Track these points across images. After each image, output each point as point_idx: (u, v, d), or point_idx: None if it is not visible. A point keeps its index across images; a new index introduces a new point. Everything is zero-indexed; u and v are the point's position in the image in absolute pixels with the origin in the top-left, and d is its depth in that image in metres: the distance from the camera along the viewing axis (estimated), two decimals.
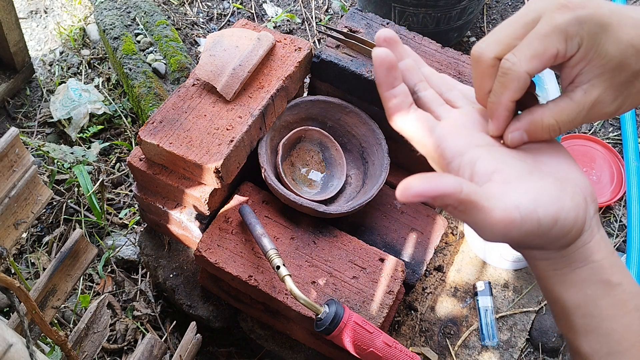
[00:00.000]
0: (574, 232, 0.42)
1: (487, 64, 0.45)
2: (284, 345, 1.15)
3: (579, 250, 0.43)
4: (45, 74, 1.79)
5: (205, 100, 1.06)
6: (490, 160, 0.45)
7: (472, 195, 0.39)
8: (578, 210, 0.42)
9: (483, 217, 0.40)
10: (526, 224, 0.40)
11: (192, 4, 2.00)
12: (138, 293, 1.38)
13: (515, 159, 0.45)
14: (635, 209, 1.51)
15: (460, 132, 0.47)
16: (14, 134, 0.80)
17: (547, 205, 0.41)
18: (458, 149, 0.45)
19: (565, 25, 0.41)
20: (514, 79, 0.43)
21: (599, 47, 0.41)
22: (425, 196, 0.38)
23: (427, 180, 0.38)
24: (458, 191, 0.39)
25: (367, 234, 1.15)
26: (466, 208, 0.40)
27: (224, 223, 1.07)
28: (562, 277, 0.45)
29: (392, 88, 0.47)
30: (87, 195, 1.41)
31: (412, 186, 0.38)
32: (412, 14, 1.64)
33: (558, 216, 0.41)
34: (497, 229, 0.40)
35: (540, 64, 0.42)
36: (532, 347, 1.30)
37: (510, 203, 0.40)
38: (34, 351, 0.72)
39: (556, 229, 0.41)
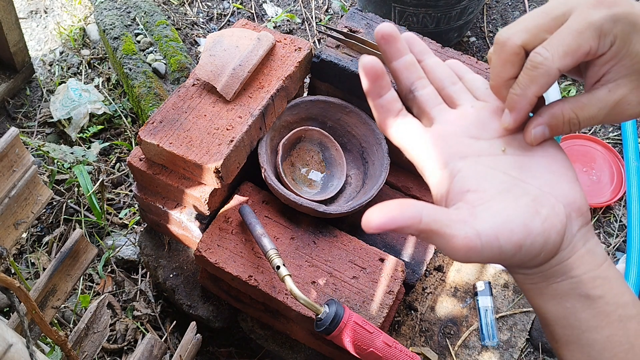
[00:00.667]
0: (545, 255, 0.42)
1: (512, 51, 0.43)
2: (284, 345, 1.15)
3: (555, 267, 0.43)
4: (45, 74, 1.79)
5: (205, 100, 1.06)
6: (469, 175, 0.44)
7: (431, 224, 0.40)
8: (549, 233, 0.41)
9: (445, 242, 0.40)
10: (486, 251, 0.40)
11: (192, 4, 2.00)
12: (138, 293, 1.38)
13: (498, 172, 0.44)
14: (635, 209, 1.51)
15: (448, 141, 0.46)
16: (14, 134, 0.80)
17: (510, 233, 0.40)
18: (440, 162, 0.45)
19: (600, 22, 0.40)
20: (544, 74, 0.42)
21: (630, 46, 0.41)
22: (385, 229, 0.39)
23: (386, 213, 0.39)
24: (417, 222, 0.39)
25: (367, 234, 1.15)
26: (427, 235, 0.40)
27: (224, 223, 1.07)
28: (539, 290, 0.44)
29: (380, 97, 0.46)
30: (87, 195, 1.41)
31: (371, 219, 0.39)
32: (412, 14, 1.64)
33: (522, 243, 0.41)
34: (458, 254, 0.41)
35: (573, 61, 0.41)
36: (532, 347, 1.30)
37: (472, 229, 0.40)
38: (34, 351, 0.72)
39: (521, 254, 0.41)
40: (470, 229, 0.40)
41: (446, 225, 0.40)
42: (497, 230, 0.40)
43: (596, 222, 1.57)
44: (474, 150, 0.46)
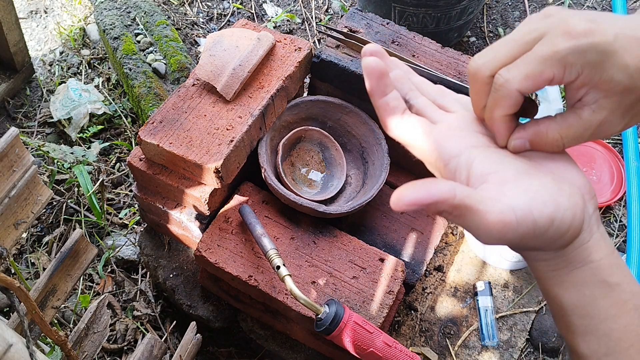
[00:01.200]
0: (572, 232, 0.42)
1: (483, 81, 0.44)
2: (284, 345, 1.15)
3: (577, 250, 0.43)
4: (45, 74, 1.79)
5: (205, 100, 1.06)
6: (486, 161, 0.44)
7: (466, 200, 0.39)
8: (575, 210, 0.42)
9: (479, 220, 0.40)
10: (522, 226, 0.40)
11: (192, 4, 2.00)
12: (138, 293, 1.38)
13: (511, 159, 0.45)
14: (635, 209, 1.51)
15: (457, 134, 0.47)
16: (14, 134, 0.80)
17: (543, 205, 0.41)
18: (454, 151, 0.45)
19: (565, 53, 0.40)
20: (505, 95, 0.43)
21: (603, 74, 0.41)
22: (419, 204, 0.38)
23: (419, 188, 0.38)
24: (452, 197, 0.39)
25: (367, 234, 1.15)
26: (461, 213, 0.40)
27: (224, 223, 1.07)
28: (560, 277, 0.44)
29: (384, 95, 0.47)
30: (87, 195, 1.41)
31: (404, 195, 0.38)
32: (412, 14, 1.64)
33: (554, 216, 0.41)
34: (493, 232, 0.40)
35: (534, 85, 0.42)
36: (532, 347, 1.30)
37: (506, 205, 0.40)
38: (34, 351, 0.72)
39: (553, 230, 0.41)
40: (503, 205, 0.40)
41: (480, 201, 0.40)
42: (530, 204, 0.41)
43: None
44: (483, 141, 0.46)
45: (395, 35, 1.17)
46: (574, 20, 0.41)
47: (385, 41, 1.16)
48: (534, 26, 0.43)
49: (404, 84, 0.50)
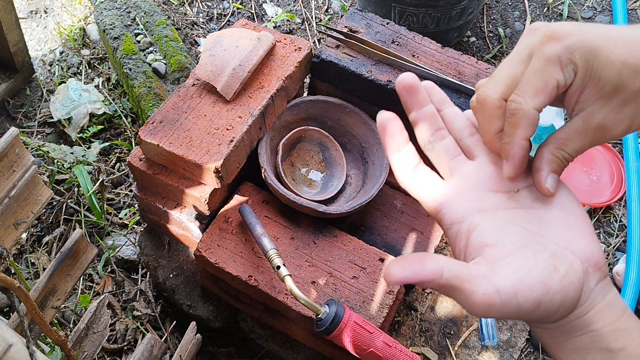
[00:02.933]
0: (562, 311, 0.42)
1: (493, 106, 0.45)
2: (284, 345, 1.15)
3: (573, 322, 0.43)
4: (45, 74, 1.79)
5: (205, 100, 1.06)
6: (487, 230, 0.45)
7: (452, 280, 0.41)
8: (567, 291, 0.42)
9: (464, 298, 0.41)
10: (506, 307, 0.41)
11: (192, 4, 2.00)
12: (138, 293, 1.38)
13: (516, 227, 0.45)
14: (635, 209, 1.51)
15: (463, 195, 0.47)
16: (14, 134, 0.80)
17: (529, 290, 0.41)
18: (457, 216, 0.46)
19: (556, 55, 0.41)
20: (523, 117, 0.43)
21: (592, 72, 0.41)
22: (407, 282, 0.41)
23: (407, 269, 0.41)
24: (438, 277, 0.41)
25: (367, 234, 1.15)
26: (447, 291, 0.41)
27: (224, 223, 1.07)
28: (559, 344, 0.45)
29: (397, 151, 0.48)
30: (87, 195, 1.41)
31: (394, 273, 0.41)
32: (412, 14, 1.64)
33: (541, 300, 0.41)
34: (478, 310, 0.41)
35: (546, 98, 0.43)
36: (532, 347, 1.30)
37: (492, 285, 0.41)
38: (34, 351, 0.72)
39: (540, 311, 0.41)
40: (490, 285, 0.41)
41: (467, 281, 0.41)
42: (516, 287, 0.41)
43: (596, 222, 1.57)
44: (492, 203, 0.46)
45: (395, 35, 1.17)
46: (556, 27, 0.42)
47: (385, 41, 1.16)
48: (523, 44, 0.44)
49: (432, 124, 0.49)
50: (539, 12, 1.99)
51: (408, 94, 0.48)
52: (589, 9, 2.01)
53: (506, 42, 1.91)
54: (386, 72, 1.11)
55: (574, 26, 0.42)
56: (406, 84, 0.47)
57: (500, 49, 1.89)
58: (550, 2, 2.00)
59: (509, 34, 1.94)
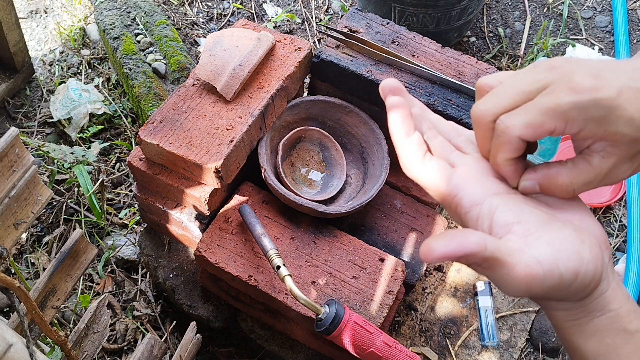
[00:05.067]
0: (593, 284, 0.42)
1: (486, 126, 0.45)
2: (284, 345, 1.15)
3: (596, 300, 0.43)
4: (45, 74, 1.79)
5: (205, 100, 1.06)
6: (508, 210, 0.44)
7: (496, 253, 0.39)
8: (596, 262, 0.42)
9: (506, 273, 0.40)
10: (548, 280, 0.40)
11: (192, 4, 2.00)
12: (138, 293, 1.38)
13: (531, 207, 0.45)
14: (635, 209, 1.51)
15: (476, 179, 0.47)
16: (14, 134, 0.80)
17: (567, 259, 0.41)
18: (475, 198, 0.45)
19: (567, 107, 0.40)
20: (506, 141, 0.43)
21: (607, 127, 0.41)
22: (450, 257, 0.38)
23: (450, 241, 0.38)
24: (483, 249, 0.39)
25: (367, 234, 1.15)
26: (490, 265, 0.40)
27: (224, 223, 1.07)
28: (580, 327, 0.45)
29: (407, 136, 0.46)
30: (87, 195, 1.41)
31: (435, 247, 0.38)
32: (412, 14, 1.64)
33: (579, 270, 0.41)
34: (520, 285, 0.40)
35: (534, 134, 0.42)
36: (532, 347, 1.30)
37: (532, 258, 0.40)
38: (34, 351, 0.72)
39: (577, 282, 0.41)
40: (529, 258, 0.40)
41: (507, 254, 0.40)
42: (556, 257, 0.41)
43: None
44: (502, 188, 0.47)
45: (395, 35, 1.17)
46: (578, 76, 0.41)
47: (385, 41, 1.16)
48: (538, 77, 0.43)
49: (422, 123, 0.50)
50: (539, 12, 1.99)
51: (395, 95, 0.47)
52: (589, 9, 2.01)
53: (506, 42, 1.91)
54: (386, 72, 1.11)
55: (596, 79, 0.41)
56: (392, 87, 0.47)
57: (500, 49, 1.89)
58: (550, 2, 2.00)
59: (509, 34, 1.94)
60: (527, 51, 1.89)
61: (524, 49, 1.89)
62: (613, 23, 1.94)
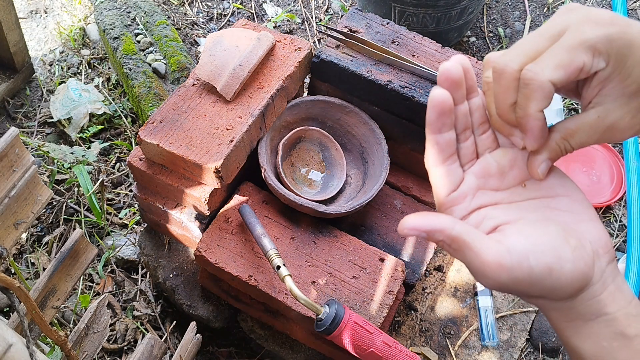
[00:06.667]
0: (576, 285, 0.42)
1: (511, 77, 0.43)
2: (284, 345, 1.15)
3: (588, 302, 0.43)
4: (45, 74, 1.79)
5: (205, 100, 1.06)
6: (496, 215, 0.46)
7: (464, 234, 0.41)
8: (578, 263, 0.42)
9: (475, 257, 0.41)
10: (516, 270, 0.41)
11: (192, 4, 2.00)
12: (138, 293, 1.38)
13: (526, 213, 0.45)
14: (635, 209, 1.51)
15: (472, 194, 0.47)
16: (14, 134, 0.80)
17: (541, 253, 0.41)
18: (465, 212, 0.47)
19: (594, 40, 0.40)
20: (537, 88, 0.41)
21: (623, 67, 0.40)
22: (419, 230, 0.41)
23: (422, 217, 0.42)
24: (449, 228, 0.41)
25: (367, 234, 1.15)
26: (459, 246, 0.41)
27: (224, 223, 1.07)
28: (576, 328, 0.45)
29: (439, 133, 0.46)
30: (87, 195, 1.41)
31: (407, 221, 0.42)
32: (412, 14, 1.64)
33: (552, 266, 0.41)
34: (487, 271, 0.41)
35: (565, 75, 0.41)
36: (532, 347, 1.30)
37: (504, 246, 0.41)
38: (34, 351, 0.72)
39: (551, 279, 0.41)
40: (501, 246, 0.41)
41: (478, 240, 0.41)
42: (528, 249, 0.41)
43: None
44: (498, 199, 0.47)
45: (395, 35, 1.17)
46: (598, 12, 0.41)
47: (385, 41, 1.16)
48: (558, 20, 0.42)
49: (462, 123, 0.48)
50: (539, 12, 1.99)
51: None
52: None
53: (506, 42, 1.91)
54: (386, 72, 1.11)
55: (616, 16, 0.41)
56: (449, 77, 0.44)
57: (500, 49, 1.89)
58: (550, 2, 2.00)
59: (509, 34, 1.94)
60: None
61: None
62: None
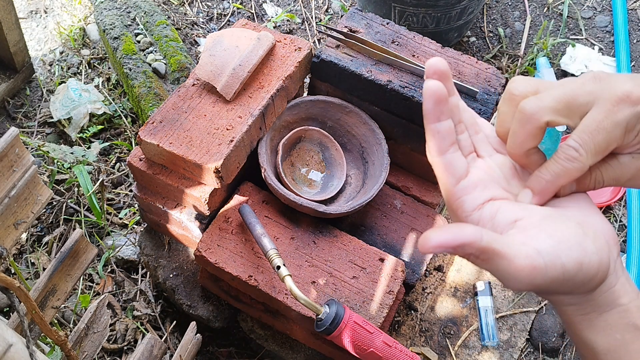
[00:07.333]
0: (600, 276, 0.43)
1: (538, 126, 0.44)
2: (284, 345, 1.15)
3: (605, 294, 0.44)
4: (45, 74, 1.79)
5: (205, 100, 1.06)
6: (510, 209, 0.45)
7: (493, 243, 0.40)
8: (601, 254, 0.42)
9: (507, 265, 0.40)
10: (550, 270, 0.40)
11: (192, 4, 2.00)
12: (138, 293, 1.38)
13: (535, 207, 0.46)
14: (635, 209, 1.51)
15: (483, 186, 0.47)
16: (14, 134, 0.80)
17: (569, 249, 0.41)
18: (477, 203, 0.46)
19: (626, 121, 0.42)
20: (578, 168, 0.44)
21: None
22: (446, 246, 0.39)
23: (446, 231, 0.39)
24: (478, 239, 0.39)
25: (367, 234, 1.15)
26: (488, 257, 0.40)
27: (224, 223, 1.07)
28: (590, 321, 0.45)
29: (438, 121, 0.46)
30: (87, 195, 1.41)
31: (431, 238, 0.39)
32: (412, 14, 1.64)
33: (582, 260, 0.41)
34: (521, 276, 0.40)
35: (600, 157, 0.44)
36: (532, 347, 1.30)
37: (533, 249, 0.41)
38: (34, 351, 0.72)
39: (581, 274, 0.42)
40: (530, 249, 0.41)
41: (507, 245, 0.40)
42: (557, 247, 0.41)
43: None
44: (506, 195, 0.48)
45: (395, 35, 1.17)
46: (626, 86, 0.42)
47: (385, 41, 1.16)
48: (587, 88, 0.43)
49: (455, 114, 0.48)
50: (539, 12, 1.99)
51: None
52: (589, 9, 2.01)
53: (506, 42, 1.91)
54: (386, 72, 1.11)
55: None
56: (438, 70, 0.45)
57: (500, 49, 1.89)
58: (550, 2, 2.00)
59: (509, 34, 1.94)
60: (527, 51, 1.88)
61: (524, 49, 1.89)
62: (613, 23, 1.94)
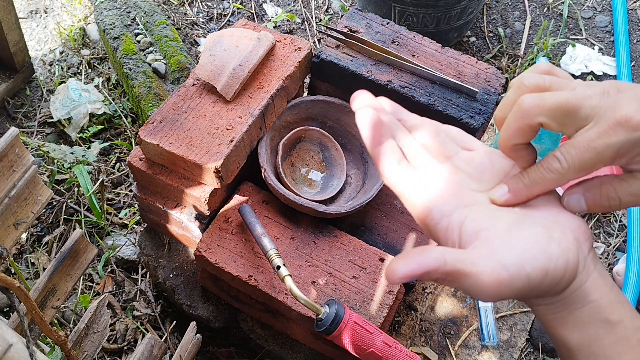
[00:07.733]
0: (567, 277, 0.43)
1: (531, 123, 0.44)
2: (284, 345, 1.15)
3: (575, 292, 0.44)
4: (45, 74, 1.79)
5: (205, 100, 1.06)
6: (477, 218, 0.45)
7: (457, 264, 0.40)
8: (567, 255, 0.42)
9: (473, 282, 0.41)
10: (516, 282, 0.41)
11: (192, 4, 2.00)
12: (138, 293, 1.38)
13: (503, 213, 0.46)
14: (635, 209, 1.51)
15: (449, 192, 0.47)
16: (14, 134, 0.80)
17: (534, 258, 0.41)
18: (445, 210, 0.46)
19: (618, 146, 0.41)
20: (557, 179, 0.44)
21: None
22: (411, 276, 0.40)
23: (410, 261, 0.40)
24: (442, 264, 0.40)
25: (367, 234, 1.15)
26: (454, 278, 0.41)
27: (224, 223, 1.07)
28: (563, 319, 0.45)
29: (380, 145, 0.47)
30: (87, 195, 1.41)
31: (396, 270, 0.40)
32: (412, 14, 1.64)
33: (547, 267, 0.41)
34: (489, 291, 0.41)
35: (584, 175, 0.43)
36: (532, 347, 1.30)
37: (497, 263, 0.41)
38: (34, 351, 0.72)
39: (548, 280, 0.42)
40: (494, 263, 0.41)
41: (471, 264, 0.41)
42: (521, 258, 0.41)
43: (596, 222, 1.57)
44: (474, 199, 0.47)
45: (395, 35, 1.17)
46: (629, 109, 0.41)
47: (385, 41, 1.16)
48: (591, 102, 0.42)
49: (396, 130, 0.49)
50: (539, 12, 1.99)
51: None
52: (589, 9, 2.01)
53: (506, 42, 1.91)
54: (386, 72, 1.11)
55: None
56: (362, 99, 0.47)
57: (500, 49, 1.89)
58: (550, 2, 2.00)
59: (509, 34, 1.94)
60: (527, 51, 1.89)
61: (524, 49, 1.89)
62: (613, 23, 1.94)
